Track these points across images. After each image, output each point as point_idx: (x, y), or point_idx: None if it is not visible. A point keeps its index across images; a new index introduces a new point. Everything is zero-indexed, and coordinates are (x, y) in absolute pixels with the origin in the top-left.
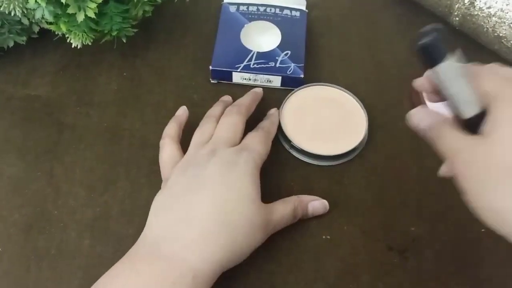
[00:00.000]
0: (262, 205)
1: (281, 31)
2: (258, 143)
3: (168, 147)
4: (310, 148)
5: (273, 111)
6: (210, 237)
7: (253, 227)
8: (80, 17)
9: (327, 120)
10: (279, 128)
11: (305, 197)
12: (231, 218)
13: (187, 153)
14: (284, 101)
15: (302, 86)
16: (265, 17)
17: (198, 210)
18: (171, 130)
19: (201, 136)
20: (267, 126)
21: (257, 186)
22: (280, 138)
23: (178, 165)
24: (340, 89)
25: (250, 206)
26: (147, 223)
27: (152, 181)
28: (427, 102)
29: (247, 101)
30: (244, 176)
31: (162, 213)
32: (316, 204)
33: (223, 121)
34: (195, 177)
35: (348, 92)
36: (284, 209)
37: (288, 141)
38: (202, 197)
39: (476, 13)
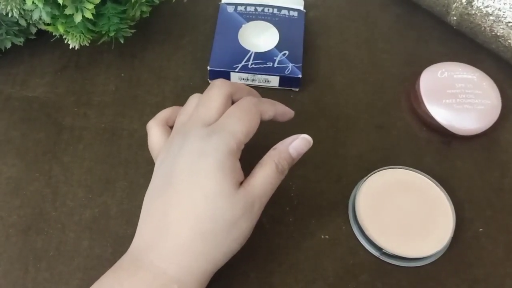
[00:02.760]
0: (238, 192)
1: (279, 31)
2: (236, 120)
3: (151, 131)
4: (400, 251)
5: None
6: (185, 247)
7: (231, 223)
8: (78, 18)
9: (407, 212)
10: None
11: (282, 144)
12: (203, 223)
13: (169, 136)
14: (357, 187)
15: (377, 170)
16: (262, 17)
17: (170, 216)
18: (161, 113)
19: (182, 116)
20: (259, 99)
21: (231, 176)
22: (360, 238)
23: (160, 152)
24: (417, 173)
25: (222, 204)
26: (137, 227)
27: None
28: (425, 103)
29: (242, 84)
30: (212, 170)
31: (144, 216)
32: (297, 145)
33: (201, 96)
34: (167, 173)
35: (427, 176)
36: (263, 174)
37: (378, 248)
38: (172, 200)
39: (473, 12)
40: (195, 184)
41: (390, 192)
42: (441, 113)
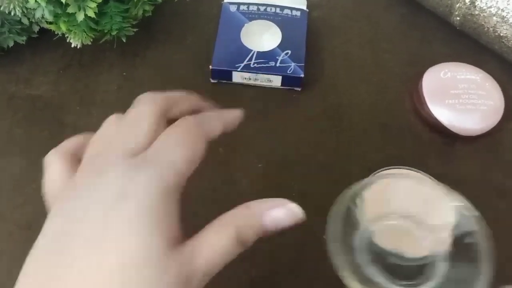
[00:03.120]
0: (172, 255)
1: (281, 30)
2: (174, 147)
3: (50, 167)
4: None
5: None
6: None
7: None
8: (80, 17)
9: (410, 216)
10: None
11: (256, 207)
12: None
13: (78, 170)
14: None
15: (378, 170)
16: (265, 17)
17: None
18: (68, 141)
19: (95, 143)
20: (202, 116)
21: (163, 227)
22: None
23: (58, 197)
24: (419, 173)
25: (146, 273)
26: None
27: None
28: (428, 103)
29: (176, 93)
30: (134, 219)
31: None
32: (278, 216)
33: (124, 117)
34: (65, 227)
35: (428, 175)
36: (215, 241)
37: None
38: (70, 274)
39: (476, 13)
40: (106, 247)
41: (392, 195)
42: (444, 113)
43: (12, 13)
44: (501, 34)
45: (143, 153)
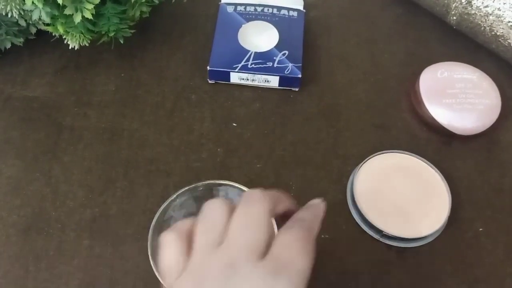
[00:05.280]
0: None
1: (278, 31)
2: (299, 254)
3: (170, 246)
4: (400, 232)
5: (316, 201)
6: None
7: None
8: (77, 18)
9: (404, 194)
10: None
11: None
12: None
13: (191, 259)
14: (356, 170)
15: (375, 154)
16: (262, 17)
17: None
18: (182, 224)
19: (208, 234)
20: (308, 221)
21: None
22: (360, 222)
23: (181, 279)
24: (413, 156)
25: None
26: None
27: (151, 181)
28: (425, 103)
29: (275, 192)
30: None
31: None
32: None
33: (239, 214)
34: None
35: (422, 158)
36: None
37: (378, 230)
38: None
39: (473, 12)
40: None
41: (387, 175)
42: (441, 113)
43: (9, 15)
44: (498, 33)
45: (269, 255)
